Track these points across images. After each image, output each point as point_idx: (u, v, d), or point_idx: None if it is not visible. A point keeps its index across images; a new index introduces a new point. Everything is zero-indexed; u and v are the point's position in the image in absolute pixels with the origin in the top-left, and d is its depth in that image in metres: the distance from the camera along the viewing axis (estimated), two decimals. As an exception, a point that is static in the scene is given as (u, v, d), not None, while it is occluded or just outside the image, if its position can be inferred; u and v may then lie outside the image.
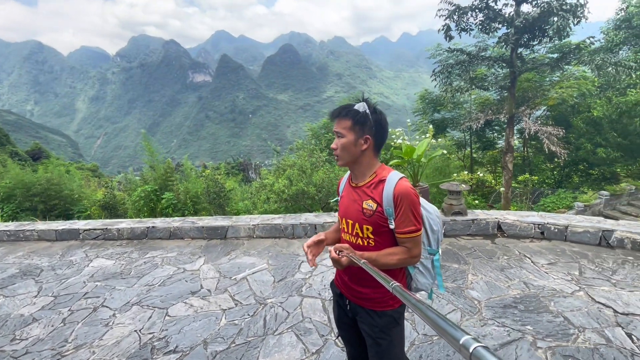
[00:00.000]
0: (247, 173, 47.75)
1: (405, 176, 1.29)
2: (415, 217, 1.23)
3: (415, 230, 1.23)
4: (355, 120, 1.26)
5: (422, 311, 0.60)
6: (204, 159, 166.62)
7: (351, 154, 1.29)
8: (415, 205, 1.23)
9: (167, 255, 4.35)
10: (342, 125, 1.27)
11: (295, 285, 3.32)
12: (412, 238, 1.24)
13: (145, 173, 10.05)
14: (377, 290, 1.32)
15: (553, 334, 2.35)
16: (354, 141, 1.27)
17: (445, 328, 0.52)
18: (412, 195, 1.23)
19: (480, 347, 0.45)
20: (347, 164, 1.32)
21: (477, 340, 0.47)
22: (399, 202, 1.21)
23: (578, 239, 3.74)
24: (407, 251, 1.25)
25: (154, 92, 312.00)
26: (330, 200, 8.51)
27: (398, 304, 1.34)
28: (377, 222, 1.26)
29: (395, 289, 0.78)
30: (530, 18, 9.27)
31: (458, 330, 0.50)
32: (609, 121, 11.38)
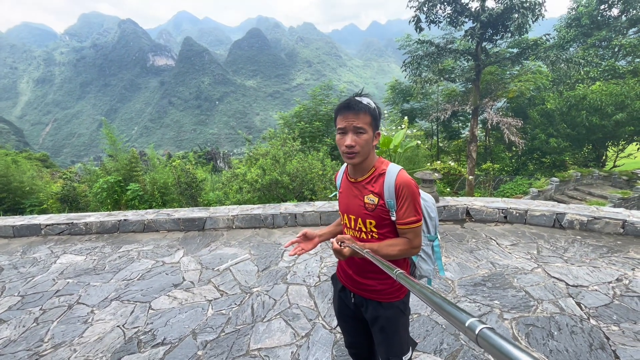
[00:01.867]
0: (215, 162, 46.27)
1: (403, 168, 1.29)
2: (416, 208, 1.24)
3: (416, 221, 1.24)
4: (374, 116, 1.25)
5: (428, 296, 0.61)
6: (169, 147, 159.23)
7: (369, 150, 1.26)
8: (415, 196, 1.24)
9: (143, 249, 4.23)
10: (363, 120, 1.23)
11: (280, 274, 3.39)
12: (413, 229, 1.24)
13: (106, 163, 9.49)
14: (383, 282, 1.34)
15: (516, 307, 2.63)
16: (372, 138, 1.26)
17: (451, 311, 0.53)
18: (413, 187, 1.24)
19: (486, 328, 0.46)
20: (362, 161, 1.27)
21: (482, 322, 0.48)
22: (400, 193, 1.22)
23: (536, 221, 4.13)
24: (408, 242, 1.25)
25: (111, 76, 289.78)
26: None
27: (403, 295, 1.36)
28: (380, 216, 1.27)
29: (399, 276, 0.79)
30: (494, 13, 9.77)
31: (463, 313, 0.51)
32: (560, 113, 12.38)
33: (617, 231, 3.75)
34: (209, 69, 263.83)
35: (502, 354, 0.41)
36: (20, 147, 79.35)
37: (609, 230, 3.79)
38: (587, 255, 3.40)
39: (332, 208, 4.76)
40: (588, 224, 3.86)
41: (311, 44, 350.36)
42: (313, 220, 4.72)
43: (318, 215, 4.70)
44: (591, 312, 2.53)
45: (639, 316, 2.45)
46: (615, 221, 3.74)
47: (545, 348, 2.18)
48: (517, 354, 0.39)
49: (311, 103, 15.22)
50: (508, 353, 0.40)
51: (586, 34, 17.98)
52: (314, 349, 2.29)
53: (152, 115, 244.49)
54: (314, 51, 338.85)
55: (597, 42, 17.59)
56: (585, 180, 11.75)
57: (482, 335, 0.45)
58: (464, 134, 18.43)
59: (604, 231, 3.82)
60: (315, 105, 15.09)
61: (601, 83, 12.53)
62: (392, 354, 1.38)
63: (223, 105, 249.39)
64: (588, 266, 3.18)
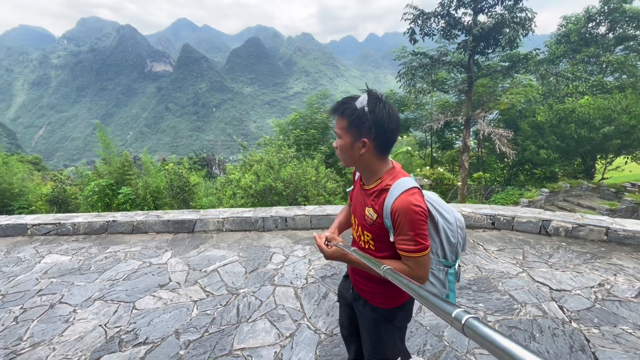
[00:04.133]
0: (210, 169, 46.21)
1: (414, 187, 1.09)
2: (416, 237, 1.07)
3: (416, 251, 1.08)
4: (351, 121, 1.10)
5: (415, 290, 0.62)
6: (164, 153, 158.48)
7: (349, 157, 1.17)
8: (415, 224, 1.06)
9: (130, 250, 4.18)
10: (339, 124, 1.15)
11: (268, 276, 3.38)
12: (414, 258, 1.09)
13: (99, 166, 9.43)
14: (369, 284, 1.31)
15: (500, 310, 2.65)
16: (351, 144, 1.13)
17: (437, 304, 0.54)
18: (413, 213, 1.05)
19: (472, 317, 0.47)
20: (349, 166, 1.22)
21: (467, 312, 0.49)
22: (397, 218, 1.07)
23: (523, 228, 4.19)
24: (408, 270, 1.10)
25: (107, 80, 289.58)
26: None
27: (392, 305, 1.30)
28: (377, 232, 1.18)
29: (386, 272, 0.76)
30: (486, 27, 10.03)
31: (449, 305, 0.52)
32: (550, 125, 12.64)
33: (601, 238, 3.81)
34: (207, 76, 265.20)
35: (488, 342, 0.42)
36: (12, 150, 78.36)
37: (593, 237, 3.85)
38: (571, 261, 3.45)
39: (322, 212, 4.78)
40: (573, 230, 3.92)
41: (309, 54, 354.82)
42: (303, 224, 4.72)
43: (308, 219, 4.71)
44: (573, 315, 2.56)
45: (618, 319, 2.48)
46: (599, 228, 3.80)
47: (527, 350, 2.19)
48: (502, 341, 0.40)
49: (307, 111, 15.36)
50: (493, 341, 0.41)
51: (575, 50, 18.51)
52: (298, 349, 2.28)
53: (148, 120, 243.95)
54: (311, 61, 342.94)
55: (585, 58, 18.10)
56: (575, 192, 11.94)
57: (468, 324, 0.47)
58: (457, 144, 18.69)
59: (588, 238, 3.88)
60: (311, 114, 15.23)
61: (589, 97, 12.87)
62: (375, 358, 1.35)
63: (220, 112, 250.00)
64: (572, 271, 3.22)
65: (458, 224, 1.28)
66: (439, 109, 17.07)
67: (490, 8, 11.12)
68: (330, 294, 2.97)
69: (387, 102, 1.12)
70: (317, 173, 9.81)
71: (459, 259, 1.30)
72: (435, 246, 1.21)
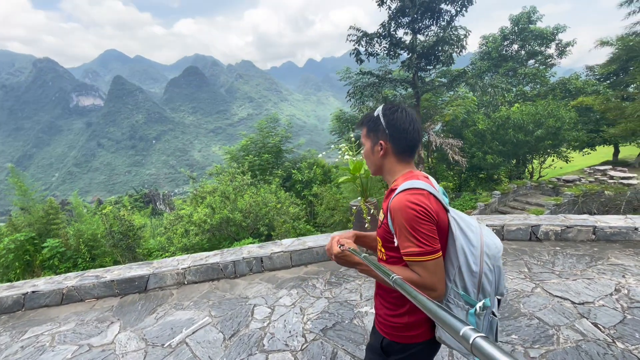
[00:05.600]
0: (155, 205, 42.64)
1: (420, 188, 1.03)
2: (413, 237, 0.99)
3: (420, 254, 0.98)
4: (369, 128, 1.20)
5: (423, 303, 0.60)
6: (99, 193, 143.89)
7: (372, 162, 1.22)
8: (411, 221, 0.99)
9: (59, 330, 3.16)
10: (362, 134, 1.24)
11: (254, 339, 2.69)
12: (419, 262, 0.99)
13: (14, 218, 7.85)
14: (380, 307, 1.21)
15: (538, 339, 2.31)
16: (371, 149, 1.20)
17: (446, 320, 0.53)
18: (408, 210, 0.99)
19: (480, 337, 0.46)
20: (376, 174, 1.24)
21: (476, 330, 0.47)
22: (393, 216, 1.04)
23: (513, 236, 4.06)
24: (418, 279, 0.99)
25: (24, 119, 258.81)
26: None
27: (391, 337, 1.14)
28: (384, 236, 1.13)
29: (395, 281, 0.74)
30: (427, 45, 10.64)
31: (458, 322, 0.50)
32: (490, 132, 13.68)
33: (589, 237, 3.80)
34: (143, 107, 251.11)
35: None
36: None
37: (582, 238, 3.83)
38: (574, 266, 3.31)
39: (303, 246, 4.20)
40: (562, 233, 3.87)
41: (251, 80, 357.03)
42: (283, 263, 4.09)
43: (288, 255, 4.09)
44: (612, 333, 2.31)
45: (660, 330, 2.29)
46: (586, 228, 3.80)
47: (592, 390, 1.85)
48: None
49: (258, 136, 14.84)
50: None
51: (497, 65, 20.83)
52: None
53: (78, 159, 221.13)
54: (254, 87, 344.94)
55: (506, 72, 20.41)
56: (521, 191, 12.88)
57: (476, 344, 0.45)
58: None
59: (577, 239, 3.85)
60: (262, 138, 14.73)
61: (519, 105, 14.33)
62: None
63: (161, 144, 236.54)
64: (582, 279, 3.06)
65: (486, 249, 1.04)
66: (388, 125, 17.65)
67: (426, 29, 11.93)
68: (340, 353, 2.39)
69: (403, 107, 1.16)
70: (278, 199, 9.26)
71: (488, 301, 1.03)
72: (453, 271, 1.04)
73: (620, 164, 18.29)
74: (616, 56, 16.07)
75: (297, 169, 14.02)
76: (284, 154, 15.16)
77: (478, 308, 1.02)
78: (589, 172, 17.96)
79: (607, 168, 15.00)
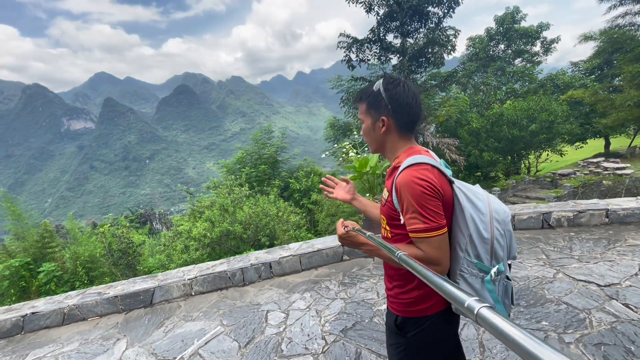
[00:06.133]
0: (151, 224, 42.10)
1: (424, 163, 1.02)
2: (423, 213, 0.98)
3: (425, 230, 0.98)
4: (369, 103, 1.14)
5: (428, 277, 0.60)
6: (93, 216, 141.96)
7: (373, 139, 1.18)
8: (418, 197, 0.98)
9: (62, 351, 2.99)
10: (360, 110, 1.19)
11: (271, 345, 2.55)
12: (424, 239, 0.99)
13: (8, 244, 7.65)
14: (388, 284, 1.21)
15: (569, 324, 2.22)
16: (372, 125, 1.16)
17: (451, 293, 0.54)
18: (415, 186, 0.98)
19: (484, 307, 0.47)
20: (376, 151, 1.22)
21: (480, 301, 0.48)
22: (400, 193, 1.03)
23: (525, 225, 3.99)
24: (422, 254, 0.99)
25: (14, 146, 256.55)
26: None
27: (405, 313, 1.13)
28: (389, 214, 1.11)
29: (401, 258, 0.75)
30: (417, 47, 10.78)
31: (463, 294, 0.51)
32: (485, 130, 13.77)
33: (603, 221, 3.74)
34: (135, 128, 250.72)
35: (499, 332, 0.42)
36: None
37: (595, 222, 3.78)
38: (593, 250, 3.25)
39: (312, 249, 4.08)
40: (574, 219, 3.81)
41: (242, 95, 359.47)
42: (292, 267, 3.96)
43: (297, 259, 3.97)
44: (646, 312, 2.22)
45: (695, 306, 2.21)
46: (599, 212, 3.75)
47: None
48: (514, 331, 0.39)
49: (254, 147, 14.80)
50: (504, 331, 0.41)
51: (485, 65, 21.18)
52: None
53: (71, 183, 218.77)
54: (245, 102, 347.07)
55: (495, 72, 20.75)
56: (520, 186, 12.90)
57: (481, 315, 0.46)
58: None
59: (591, 224, 3.79)
60: (258, 149, 14.69)
61: (511, 101, 14.50)
62: None
63: (154, 164, 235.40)
64: (603, 261, 2.99)
65: (495, 215, 1.04)
66: (382, 130, 17.74)
67: (415, 32, 12.11)
68: (365, 353, 2.27)
69: (404, 81, 1.11)
70: (277, 208, 9.15)
71: (502, 266, 1.03)
72: (464, 240, 1.03)
73: (612, 155, 18.51)
74: (601, 49, 16.43)
75: (295, 178, 13.95)
76: (280, 164, 15.11)
77: (493, 274, 1.02)
78: (582, 164, 18.13)
79: (600, 160, 15.14)
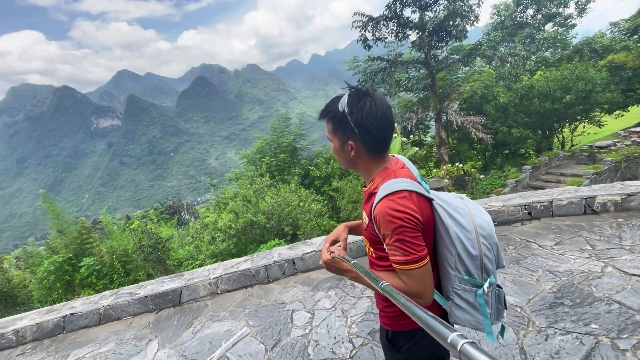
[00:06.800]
0: (180, 215, 43.78)
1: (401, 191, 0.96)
2: (402, 246, 0.95)
3: (406, 262, 0.95)
4: (334, 125, 1.06)
5: (411, 310, 0.59)
6: (126, 209, 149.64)
7: (344, 160, 1.12)
8: (396, 230, 0.94)
9: (100, 351, 3.11)
10: (327, 128, 1.11)
11: (297, 348, 2.51)
12: (405, 271, 0.96)
13: (52, 241, 8.16)
14: (379, 301, 1.19)
15: (623, 327, 2.00)
16: (340, 147, 1.08)
17: (434, 326, 0.53)
18: (392, 219, 0.94)
19: (467, 343, 0.45)
20: (348, 169, 1.16)
21: (463, 336, 0.47)
22: (379, 225, 0.99)
23: (564, 211, 3.68)
24: (404, 286, 0.97)
25: (51, 146, 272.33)
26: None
27: (395, 327, 1.12)
28: (371, 239, 1.09)
29: (384, 289, 0.75)
30: (437, 20, 10.11)
31: (446, 329, 0.50)
32: (513, 105, 12.93)
33: (656, 205, 3.37)
34: (158, 122, 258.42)
35: None
36: (-51, 242, 69.12)
37: (648, 206, 3.41)
38: (646, 238, 2.93)
39: (335, 243, 3.99)
40: (622, 203, 3.46)
41: (258, 83, 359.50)
42: (316, 263, 3.90)
43: (320, 255, 3.89)
44: None
45: None
46: (652, 194, 3.37)
47: None
48: None
49: (272, 136, 14.75)
50: None
51: (512, 34, 19.73)
52: None
53: (104, 179, 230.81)
54: (262, 90, 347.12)
55: (522, 40, 19.30)
56: (554, 163, 12.13)
57: (464, 351, 0.45)
58: (426, 141, 18.81)
59: (642, 207, 3.43)
60: (276, 138, 14.64)
61: (542, 72, 13.45)
62: None
63: (179, 156, 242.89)
64: (659, 252, 2.69)
65: (480, 231, 1.03)
66: (402, 110, 17.16)
67: (434, 4, 11.35)
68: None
69: (371, 98, 1.01)
70: (299, 197, 9.13)
71: (492, 279, 1.04)
72: (452, 259, 1.03)
73: (660, 122, 16.94)
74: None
75: (314, 165, 13.85)
76: (299, 151, 15.02)
77: (485, 289, 1.03)
78: (623, 135, 16.74)
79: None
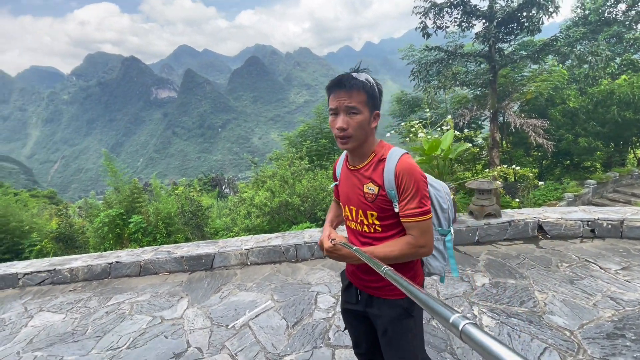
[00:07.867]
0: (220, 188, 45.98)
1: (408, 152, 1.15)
2: (421, 198, 1.08)
3: (421, 213, 1.08)
4: (370, 94, 1.11)
5: (413, 293, 0.59)
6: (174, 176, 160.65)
7: (365, 133, 1.13)
8: (420, 184, 1.08)
9: (137, 300, 3.36)
10: (357, 99, 1.09)
11: (318, 330, 2.49)
12: (418, 223, 1.08)
13: (108, 196, 8.94)
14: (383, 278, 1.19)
15: (701, 376, 1.70)
16: (369, 118, 1.12)
17: (436, 308, 0.52)
18: (416, 174, 1.09)
19: (469, 324, 0.45)
20: (358, 146, 1.15)
21: (466, 317, 0.46)
22: (401, 181, 1.08)
23: (637, 234, 3.21)
24: (413, 240, 1.10)
25: (116, 111, 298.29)
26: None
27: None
28: (381, 207, 1.14)
29: (386, 273, 0.75)
30: (510, 9, 9.20)
31: (447, 309, 0.50)
32: (585, 111, 11.56)
33: None
34: (210, 98, 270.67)
35: (484, 349, 0.40)
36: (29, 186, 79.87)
37: None
38: None
39: (368, 232, 3.89)
40: None
41: (308, 67, 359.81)
42: (346, 249, 3.84)
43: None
44: None
45: None
46: None
47: None
48: (499, 349, 0.38)
49: (315, 121, 14.72)
50: (490, 349, 0.39)
51: (594, 31, 17.43)
52: None
53: (157, 146, 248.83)
54: (311, 74, 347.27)
55: (607, 39, 17.00)
56: (625, 181, 10.74)
57: (465, 331, 0.45)
58: (476, 142, 17.63)
59: None
60: (319, 123, 14.58)
61: (627, 76, 11.77)
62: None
63: (226, 132, 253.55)
64: None
65: (445, 190, 1.32)
66: (454, 106, 16.17)
67: (508, -10, 10.29)
68: (418, 359, 2.05)
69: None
70: (335, 184, 9.08)
71: (452, 227, 1.34)
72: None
73: None
74: None
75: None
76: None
77: (452, 234, 1.34)
78: None
79: None
